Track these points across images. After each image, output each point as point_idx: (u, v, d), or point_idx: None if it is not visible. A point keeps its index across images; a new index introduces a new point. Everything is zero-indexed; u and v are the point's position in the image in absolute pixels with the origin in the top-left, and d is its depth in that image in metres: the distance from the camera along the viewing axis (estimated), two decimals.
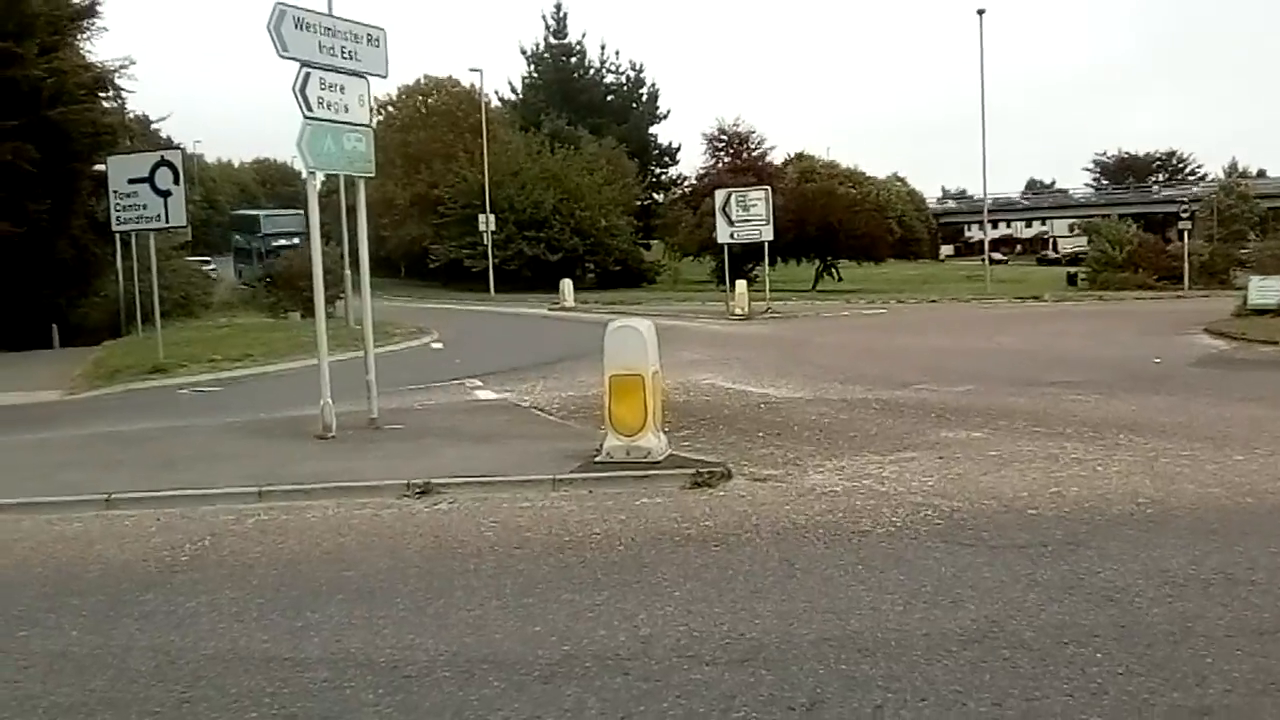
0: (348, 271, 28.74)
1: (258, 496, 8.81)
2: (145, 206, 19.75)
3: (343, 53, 11.32)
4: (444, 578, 6.56)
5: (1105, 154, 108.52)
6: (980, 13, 47.85)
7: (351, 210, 15.29)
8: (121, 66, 27.48)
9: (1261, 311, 25.00)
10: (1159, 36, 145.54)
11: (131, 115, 31.23)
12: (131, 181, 19.88)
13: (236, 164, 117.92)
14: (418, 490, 8.72)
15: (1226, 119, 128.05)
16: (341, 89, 11.34)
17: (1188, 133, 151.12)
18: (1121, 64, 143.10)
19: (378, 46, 11.82)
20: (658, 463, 9.15)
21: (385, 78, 12.26)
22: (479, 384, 16.81)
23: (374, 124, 12.81)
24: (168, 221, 20.08)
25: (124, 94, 28.91)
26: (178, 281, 31.80)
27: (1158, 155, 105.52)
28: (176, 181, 19.75)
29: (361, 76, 11.65)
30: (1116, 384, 14.93)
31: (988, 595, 5.84)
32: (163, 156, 20.38)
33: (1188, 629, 5.27)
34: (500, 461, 9.80)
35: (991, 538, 7.03)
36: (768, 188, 37.56)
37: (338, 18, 11.77)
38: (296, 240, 53.34)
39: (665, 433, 9.79)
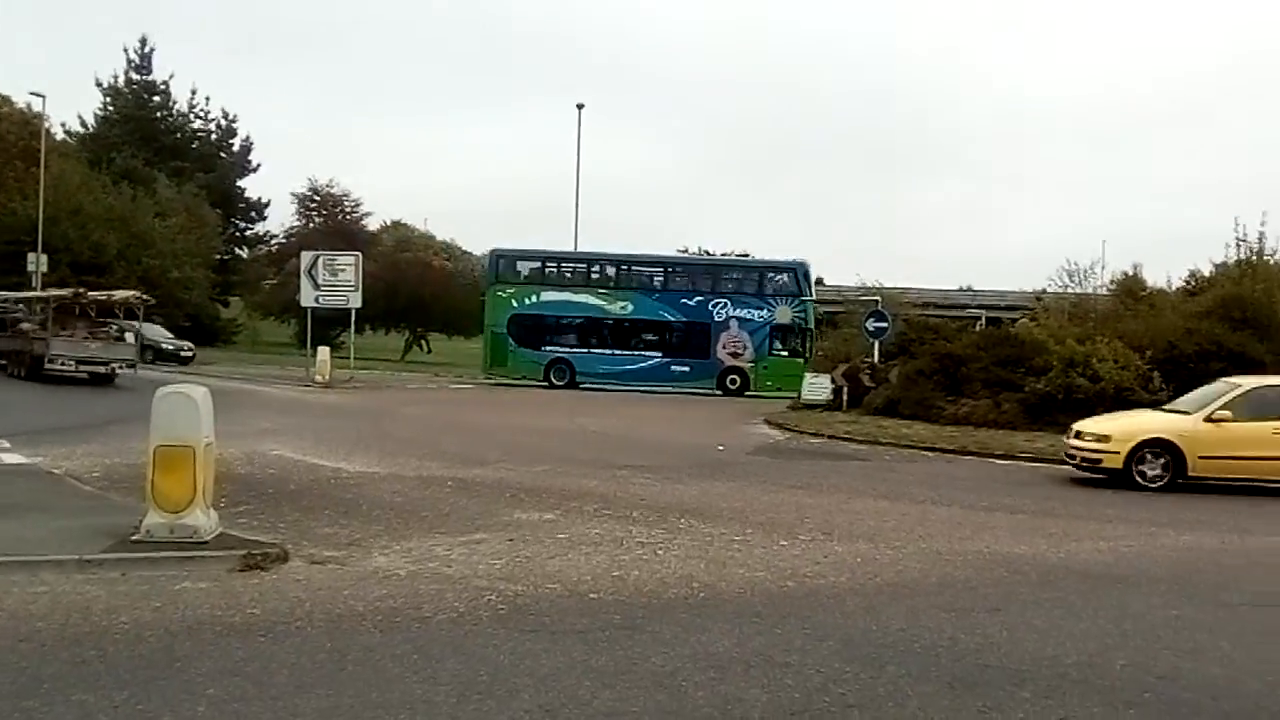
0: None
1: None
2: None
3: None
4: None
5: (686, 250, 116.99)
6: (579, 106, 50.35)
7: None
8: None
9: (813, 406, 27.64)
10: (743, 145, 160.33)
11: None
12: None
13: None
14: None
15: (788, 229, 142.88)
16: None
17: (758, 236, 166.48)
18: (703, 166, 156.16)
19: None
20: (205, 543, 8.35)
21: None
22: (6, 445, 14.81)
23: None
24: None
25: None
26: None
27: (733, 254, 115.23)
28: None
29: None
30: (683, 469, 15.75)
31: (544, 683, 5.73)
32: None
33: (728, 711, 5.42)
34: (15, 538, 8.53)
35: (553, 623, 6.98)
36: (359, 254, 36.86)
37: None
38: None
39: (219, 509, 9.03)
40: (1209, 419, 16.10)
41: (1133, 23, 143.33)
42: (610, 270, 40.23)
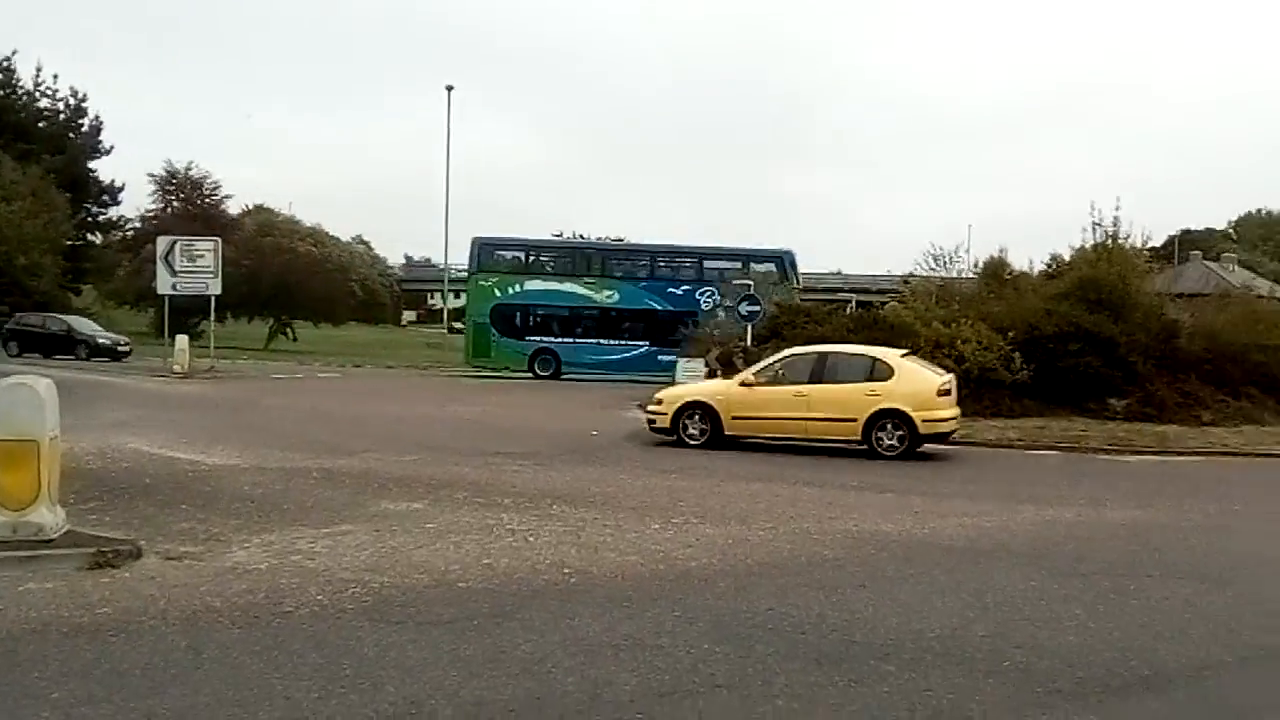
0: None
1: None
2: None
3: None
4: None
5: (561, 234, 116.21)
6: (449, 88, 49.64)
7: None
8: None
9: None
10: (622, 130, 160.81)
11: None
12: None
13: None
14: None
15: (665, 215, 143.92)
16: None
17: (632, 224, 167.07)
18: (577, 157, 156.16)
19: None
20: (51, 541, 7.93)
21: None
22: None
23: None
24: None
25: None
26: None
27: (609, 240, 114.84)
28: None
29: None
30: (556, 455, 15.66)
31: (410, 675, 5.63)
32: None
33: (597, 695, 5.41)
34: None
35: (420, 614, 6.86)
36: (218, 239, 35.73)
37: None
38: None
39: (68, 506, 8.61)
40: (742, 383, 17.80)
41: (998, 27, 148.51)
42: (595, 259, 40.21)
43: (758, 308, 28.57)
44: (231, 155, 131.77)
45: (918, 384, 17.12)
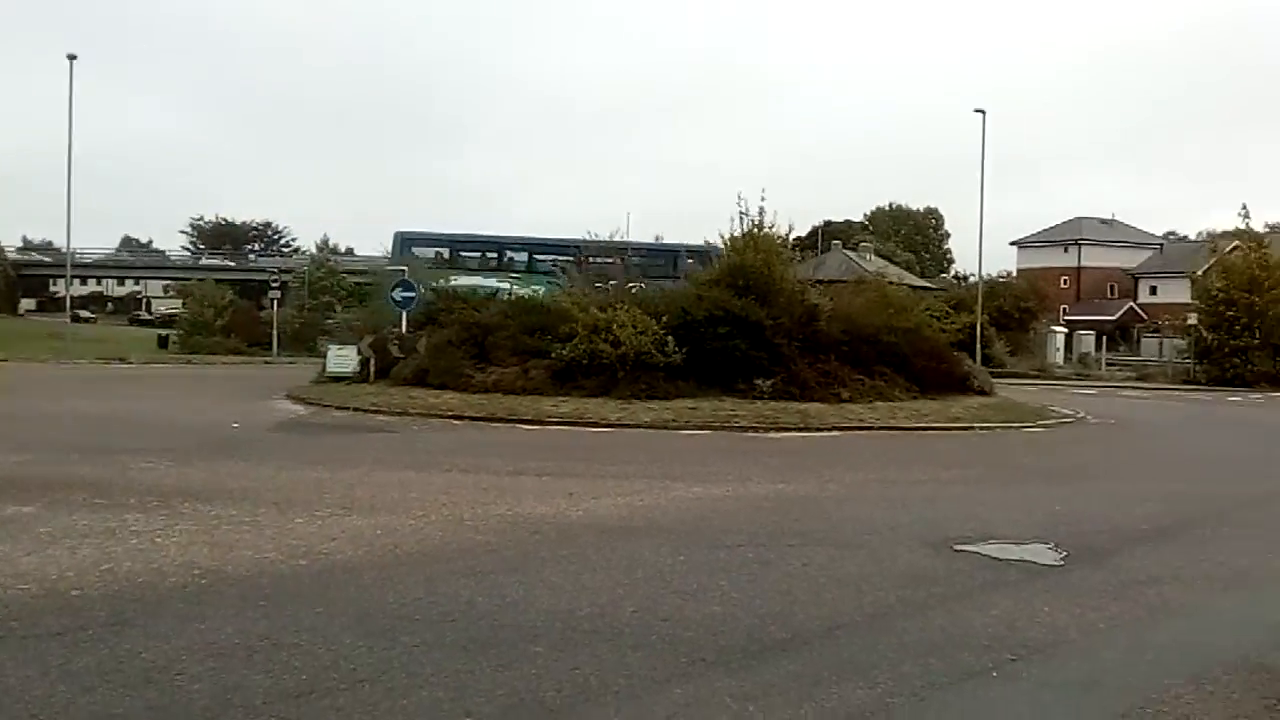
0: None
1: None
2: None
3: None
4: None
5: (203, 218, 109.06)
6: (71, 58, 44.70)
7: None
8: None
9: (339, 378, 26.75)
10: (267, 110, 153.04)
11: None
12: None
13: None
14: None
15: (316, 199, 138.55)
16: None
17: (282, 208, 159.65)
18: (213, 134, 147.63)
19: None
20: None
21: None
22: None
23: None
24: None
25: None
26: None
27: (254, 225, 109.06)
28: None
29: None
30: (191, 450, 14.62)
31: (9, 695, 5.05)
32: None
33: (227, 701, 5.07)
34: None
35: (24, 627, 6.16)
36: None
37: None
38: None
39: None
40: None
41: (646, 19, 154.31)
42: (521, 255, 39.30)
43: (412, 294, 28.11)
44: None
45: None
